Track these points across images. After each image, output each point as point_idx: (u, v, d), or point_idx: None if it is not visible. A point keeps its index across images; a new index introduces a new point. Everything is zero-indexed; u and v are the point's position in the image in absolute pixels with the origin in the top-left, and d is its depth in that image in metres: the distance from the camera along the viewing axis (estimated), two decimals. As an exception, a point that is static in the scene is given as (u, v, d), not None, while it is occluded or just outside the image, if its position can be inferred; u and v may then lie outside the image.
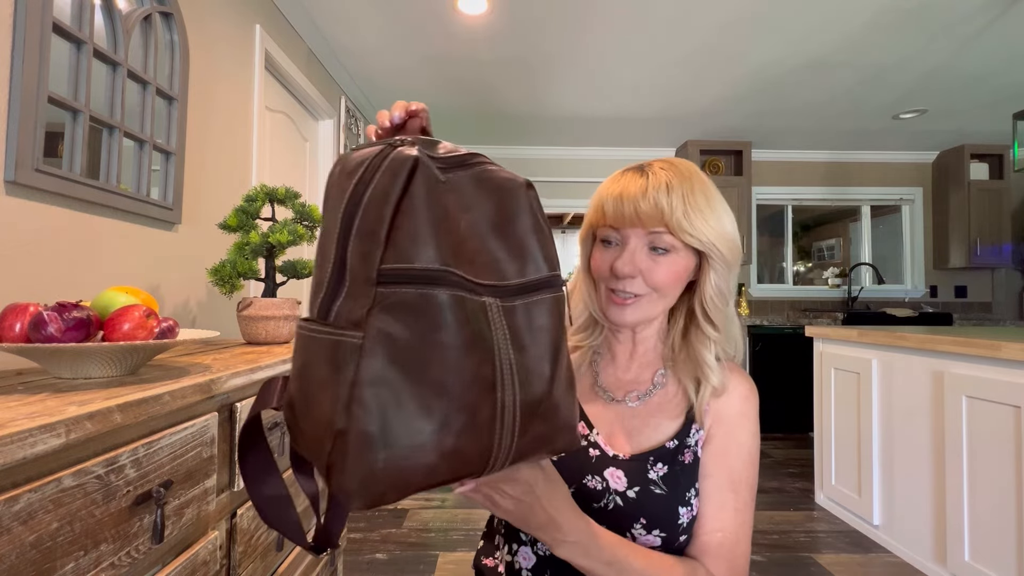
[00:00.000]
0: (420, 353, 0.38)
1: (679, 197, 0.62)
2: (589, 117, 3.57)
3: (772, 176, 4.36)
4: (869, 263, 4.38)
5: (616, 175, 0.68)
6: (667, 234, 0.63)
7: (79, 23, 1.11)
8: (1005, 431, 1.61)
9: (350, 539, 2.14)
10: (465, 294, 0.40)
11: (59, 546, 0.49)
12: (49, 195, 1.05)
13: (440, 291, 0.39)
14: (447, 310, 0.39)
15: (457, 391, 0.39)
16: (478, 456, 0.40)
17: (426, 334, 0.39)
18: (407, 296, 0.39)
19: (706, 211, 0.64)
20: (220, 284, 1.25)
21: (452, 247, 0.41)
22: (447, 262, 0.40)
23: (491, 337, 0.40)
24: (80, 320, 0.68)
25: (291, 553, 1.03)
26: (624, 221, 0.64)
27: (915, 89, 3.08)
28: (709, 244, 0.64)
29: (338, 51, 2.66)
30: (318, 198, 2.74)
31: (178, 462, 0.67)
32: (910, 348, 2.01)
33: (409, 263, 0.39)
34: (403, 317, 0.38)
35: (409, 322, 0.39)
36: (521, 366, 0.41)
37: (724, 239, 0.65)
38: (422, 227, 0.40)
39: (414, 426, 0.38)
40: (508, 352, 0.41)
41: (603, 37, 2.51)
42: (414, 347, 0.38)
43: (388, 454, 0.37)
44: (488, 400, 0.40)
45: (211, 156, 1.66)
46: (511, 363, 0.40)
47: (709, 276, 0.66)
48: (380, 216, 0.39)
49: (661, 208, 0.62)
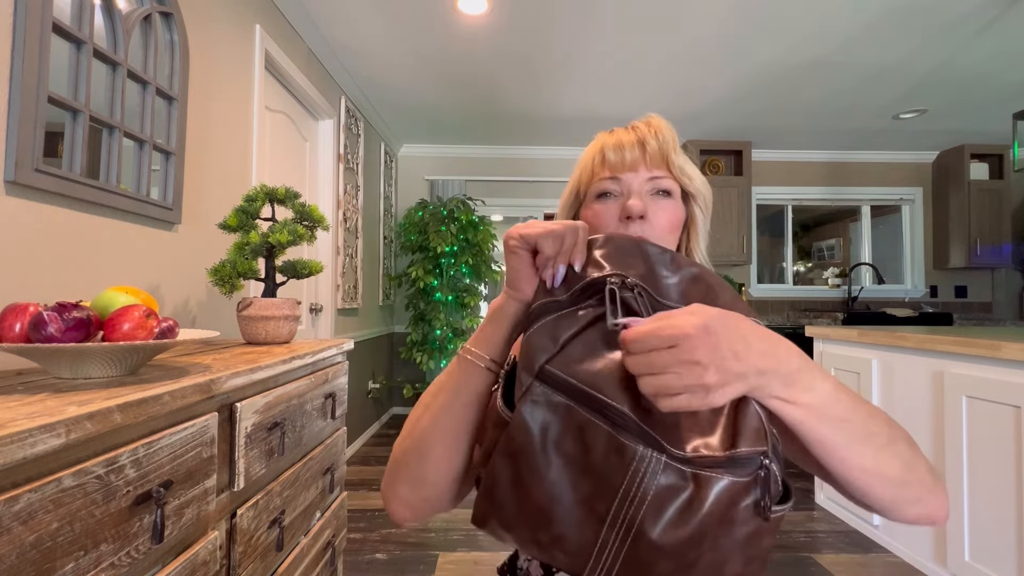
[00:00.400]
0: (543, 453, 0.42)
1: (673, 142, 0.63)
2: (589, 117, 3.57)
3: (772, 176, 4.36)
4: (869, 263, 4.38)
5: (601, 135, 0.67)
6: (668, 177, 0.62)
7: (79, 23, 1.11)
8: (1005, 431, 1.61)
9: (350, 539, 2.14)
10: (616, 432, 0.41)
11: (59, 546, 0.49)
12: (49, 195, 1.05)
13: (590, 415, 0.42)
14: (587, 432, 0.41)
15: (567, 503, 0.42)
16: (569, 563, 0.42)
17: (557, 441, 0.42)
18: (555, 401, 0.43)
19: (688, 159, 0.66)
20: (220, 284, 1.25)
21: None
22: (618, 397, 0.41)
23: (619, 484, 0.40)
24: (80, 320, 0.68)
25: (291, 553, 1.03)
26: (625, 166, 0.62)
27: (915, 89, 3.08)
28: (697, 189, 0.65)
29: (338, 51, 2.66)
30: (318, 198, 2.74)
31: (178, 462, 0.67)
32: (910, 348, 2.00)
33: (572, 376, 0.43)
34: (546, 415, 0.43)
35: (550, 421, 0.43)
36: (644, 540, 0.39)
37: (705, 186, 0.67)
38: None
39: (522, 510, 0.43)
40: (633, 513, 0.39)
41: (603, 37, 2.51)
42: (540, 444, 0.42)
43: (499, 515, 0.44)
44: (592, 527, 0.41)
45: (211, 156, 1.66)
46: (630, 522, 0.39)
47: (699, 224, 0.67)
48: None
49: (665, 151, 0.62)
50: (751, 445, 0.39)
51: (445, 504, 0.56)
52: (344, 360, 1.39)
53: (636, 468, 0.39)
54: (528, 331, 0.46)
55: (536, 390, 0.43)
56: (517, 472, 0.43)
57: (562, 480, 0.41)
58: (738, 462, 0.39)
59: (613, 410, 0.40)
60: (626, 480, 0.39)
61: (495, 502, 0.44)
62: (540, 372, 0.43)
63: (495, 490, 0.44)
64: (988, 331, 2.21)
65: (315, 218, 1.37)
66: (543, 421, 0.42)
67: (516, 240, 0.50)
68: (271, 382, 0.98)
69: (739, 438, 0.39)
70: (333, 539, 1.25)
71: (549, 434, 0.42)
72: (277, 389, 0.98)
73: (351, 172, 3.09)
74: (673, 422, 0.40)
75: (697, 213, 0.66)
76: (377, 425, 3.83)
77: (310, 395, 1.13)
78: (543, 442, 0.42)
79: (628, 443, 0.39)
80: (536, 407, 0.43)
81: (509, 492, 0.43)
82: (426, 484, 0.54)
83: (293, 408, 1.04)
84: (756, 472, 0.39)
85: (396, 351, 4.17)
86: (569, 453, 0.41)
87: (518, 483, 0.43)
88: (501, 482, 0.44)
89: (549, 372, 0.43)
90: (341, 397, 1.32)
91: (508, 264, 0.52)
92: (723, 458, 0.38)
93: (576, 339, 0.45)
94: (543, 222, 0.51)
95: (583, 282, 0.47)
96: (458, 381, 0.54)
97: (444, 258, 3.71)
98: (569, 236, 0.49)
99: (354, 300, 3.15)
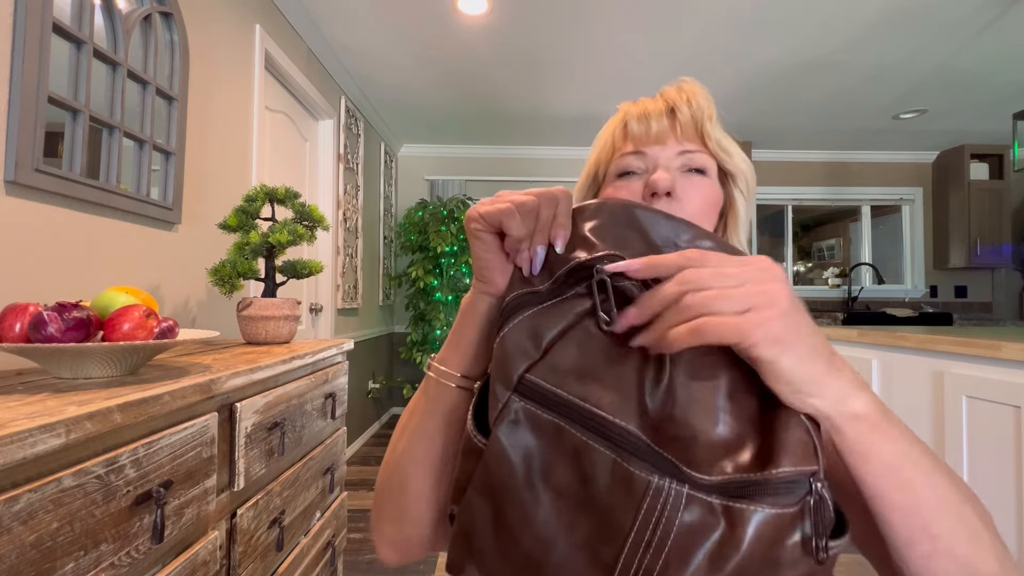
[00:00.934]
0: (529, 486, 0.34)
1: (710, 110, 0.53)
2: (589, 117, 3.57)
3: (772, 176, 4.36)
4: (869, 263, 4.38)
5: (624, 104, 0.57)
6: (702, 152, 0.52)
7: (79, 23, 1.11)
8: (1005, 431, 1.61)
9: (350, 539, 2.14)
10: (621, 459, 0.32)
11: (59, 546, 0.49)
12: (49, 195, 1.05)
13: (585, 435, 0.33)
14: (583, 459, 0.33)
15: (563, 549, 0.33)
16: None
17: (544, 468, 0.34)
18: (541, 420, 0.34)
19: (725, 133, 0.55)
20: (220, 284, 1.25)
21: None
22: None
23: (630, 526, 0.31)
24: (80, 320, 0.68)
25: (291, 553, 1.03)
26: (651, 138, 0.52)
27: (915, 89, 3.08)
28: (737, 166, 0.54)
29: (338, 51, 2.66)
30: (318, 198, 2.74)
31: (178, 462, 0.67)
32: (910, 348, 2.00)
33: (559, 387, 0.34)
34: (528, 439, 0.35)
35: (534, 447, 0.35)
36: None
37: (747, 164, 0.55)
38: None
39: (507, 559, 0.34)
40: (650, 562, 0.30)
41: (603, 37, 2.51)
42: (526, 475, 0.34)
43: (478, 563, 0.36)
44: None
45: (211, 156, 1.66)
46: (646, 574, 0.31)
47: (739, 209, 0.56)
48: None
49: (699, 120, 0.52)
50: (797, 463, 0.30)
51: (431, 544, 0.48)
52: (344, 360, 1.39)
53: (651, 505, 0.31)
54: (502, 332, 0.37)
55: (515, 407, 0.35)
56: (498, 512, 0.34)
57: (556, 521, 0.33)
58: (780, 486, 0.30)
59: (616, 429, 0.32)
60: (639, 521, 0.31)
61: (472, 549, 0.36)
62: (519, 383, 0.35)
63: (472, 534, 0.35)
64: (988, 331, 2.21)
65: (315, 218, 1.37)
66: (526, 447, 0.34)
67: (477, 222, 0.40)
68: (271, 382, 0.98)
69: (780, 454, 0.30)
70: (333, 539, 1.25)
71: (535, 463, 0.34)
72: (277, 389, 0.98)
73: (351, 172, 3.09)
74: (691, 436, 0.31)
75: (737, 196, 0.55)
76: (377, 425, 3.83)
77: (310, 395, 1.13)
78: (528, 474, 0.34)
79: (638, 472, 0.31)
80: (516, 429, 0.34)
81: (490, 536, 0.35)
82: (408, 520, 0.46)
83: (293, 408, 1.04)
84: (804, 499, 0.30)
85: (396, 351, 4.16)
86: (562, 486, 0.33)
87: (501, 526, 0.34)
88: (479, 524, 0.35)
89: (531, 383, 0.35)
90: (341, 397, 1.32)
91: (473, 252, 0.42)
92: (760, 480, 0.30)
93: (564, 338, 0.36)
94: (513, 193, 0.40)
95: (567, 266, 0.37)
96: (428, 403, 0.46)
97: (444, 258, 3.71)
98: (546, 208, 0.39)
99: (354, 300, 3.14)
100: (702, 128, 0.52)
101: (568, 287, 0.38)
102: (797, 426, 0.31)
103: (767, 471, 0.30)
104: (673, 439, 0.32)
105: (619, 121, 0.55)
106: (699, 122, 0.52)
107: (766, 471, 0.30)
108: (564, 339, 0.36)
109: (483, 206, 0.40)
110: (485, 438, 0.36)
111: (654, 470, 0.31)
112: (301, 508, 1.08)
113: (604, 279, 0.36)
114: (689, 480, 0.31)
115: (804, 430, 0.31)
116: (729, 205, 0.56)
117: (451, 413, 0.44)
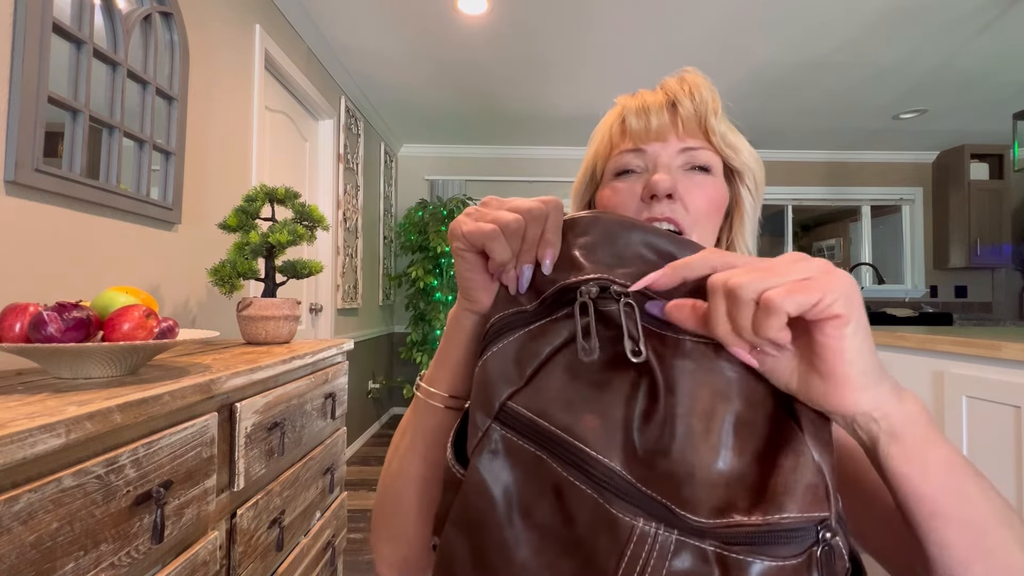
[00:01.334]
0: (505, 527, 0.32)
1: (714, 103, 0.49)
2: (590, 116, 3.57)
3: (772, 176, 4.36)
4: (869, 263, 4.38)
5: (623, 98, 0.54)
6: (706, 148, 0.49)
7: (79, 23, 1.11)
8: (1005, 431, 1.61)
9: (350, 539, 2.14)
10: (601, 500, 0.29)
11: (59, 546, 0.49)
12: (49, 195, 1.05)
13: (569, 472, 0.31)
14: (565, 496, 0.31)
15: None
16: None
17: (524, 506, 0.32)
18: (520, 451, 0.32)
19: (732, 126, 0.51)
20: (220, 284, 1.25)
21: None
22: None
23: (611, 573, 0.28)
24: (80, 320, 0.68)
25: (291, 553, 1.03)
26: (651, 135, 0.49)
27: (915, 89, 3.08)
28: (744, 163, 0.51)
29: (338, 51, 2.66)
30: (317, 198, 2.74)
31: (178, 462, 0.67)
32: (910, 348, 2.00)
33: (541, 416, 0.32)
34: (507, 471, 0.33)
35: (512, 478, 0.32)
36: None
37: (755, 160, 0.52)
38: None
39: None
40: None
41: (603, 37, 2.51)
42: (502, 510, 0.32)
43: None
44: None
45: (211, 156, 1.66)
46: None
47: (746, 209, 0.52)
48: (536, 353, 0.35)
49: (703, 114, 0.49)
50: (804, 509, 0.27)
51: (429, 565, 0.45)
52: (344, 360, 1.39)
53: (635, 552, 0.28)
54: (484, 356, 0.35)
55: (495, 436, 0.33)
56: (478, 549, 0.32)
57: (537, 562, 0.30)
58: (783, 535, 0.27)
59: (599, 466, 0.29)
60: (623, 568, 0.28)
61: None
62: (500, 411, 0.33)
63: (452, 568, 0.33)
64: (988, 331, 2.21)
65: (315, 218, 1.37)
66: (506, 480, 0.32)
67: (460, 240, 0.37)
68: (271, 382, 0.98)
69: (786, 498, 0.27)
70: (333, 539, 1.25)
71: (515, 498, 0.32)
72: (277, 389, 0.98)
73: (351, 172, 3.09)
74: (687, 474, 0.28)
75: (744, 195, 0.52)
76: (377, 425, 3.83)
77: (310, 395, 1.13)
78: (508, 510, 0.31)
79: (621, 516, 0.29)
80: (496, 460, 0.32)
81: (469, 572, 0.32)
82: (404, 541, 0.44)
83: (293, 408, 1.04)
84: (811, 550, 0.27)
85: (396, 351, 4.16)
86: (544, 525, 0.31)
87: (480, 563, 0.32)
88: (458, 560, 0.33)
89: (512, 411, 0.33)
90: (341, 397, 1.32)
91: (456, 270, 0.40)
92: (761, 526, 0.27)
93: (550, 363, 0.34)
94: (498, 209, 0.37)
95: (554, 287, 0.35)
96: (418, 423, 0.44)
97: (444, 258, 3.71)
98: (532, 227, 0.36)
99: (354, 300, 3.14)
100: (706, 123, 0.49)
101: (556, 308, 0.35)
102: (806, 466, 0.28)
103: (769, 516, 0.27)
104: (666, 477, 0.29)
105: (617, 116, 0.52)
106: (702, 116, 0.49)
107: (768, 516, 0.27)
108: (550, 364, 0.33)
109: (466, 224, 0.37)
110: (464, 468, 0.34)
111: (639, 513, 0.29)
112: (301, 508, 1.08)
113: (586, 302, 0.33)
114: (681, 524, 0.28)
115: (815, 471, 0.28)
116: (735, 204, 0.53)
117: (441, 434, 0.42)
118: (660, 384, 0.31)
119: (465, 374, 0.42)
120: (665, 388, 0.30)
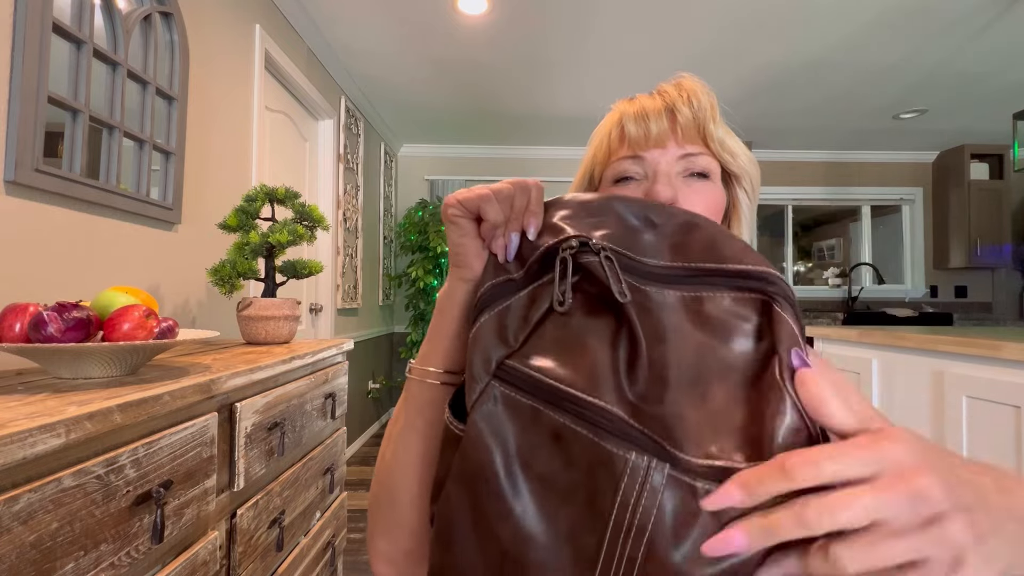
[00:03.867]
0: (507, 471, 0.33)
1: (712, 109, 0.50)
2: (589, 117, 3.57)
3: (772, 176, 4.36)
4: (869, 263, 4.38)
5: (620, 103, 0.54)
6: (705, 154, 0.50)
7: (79, 23, 1.11)
8: (1005, 431, 1.61)
9: (350, 539, 2.14)
10: (593, 435, 0.31)
11: (59, 546, 0.49)
12: (49, 195, 1.05)
13: (558, 415, 0.32)
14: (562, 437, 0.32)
15: (545, 543, 0.31)
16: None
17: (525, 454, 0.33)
18: (518, 403, 0.33)
19: (729, 131, 0.52)
20: (220, 284, 1.25)
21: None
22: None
23: (609, 509, 0.29)
24: (80, 320, 0.68)
25: (291, 553, 1.03)
26: (650, 142, 0.49)
27: (915, 89, 3.08)
28: (742, 167, 0.52)
29: (338, 51, 2.66)
30: (317, 198, 2.74)
31: (178, 462, 0.67)
32: (910, 348, 2.00)
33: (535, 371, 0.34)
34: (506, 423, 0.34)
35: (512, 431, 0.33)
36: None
37: (752, 163, 0.53)
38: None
39: (486, 556, 0.32)
40: (632, 549, 0.29)
41: (603, 37, 2.51)
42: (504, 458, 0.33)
43: (458, 565, 0.34)
44: (581, 574, 0.30)
45: (211, 156, 1.66)
46: (629, 562, 0.29)
47: (743, 211, 0.54)
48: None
49: (701, 120, 0.49)
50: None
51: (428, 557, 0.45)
52: (344, 360, 1.39)
53: (629, 484, 0.29)
54: (478, 322, 0.37)
55: (494, 392, 0.34)
56: (476, 503, 0.33)
57: (536, 511, 0.31)
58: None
59: (592, 408, 0.31)
60: (618, 503, 0.29)
61: (452, 548, 0.34)
62: (498, 368, 0.34)
63: (452, 530, 0.34)
64: (988, 331, 2.21)
65: (315, 218, 1.37)
66: (505, 433, 0.33)
67: (455, 207, 0.40)
68: (271, 382, 0.98)
69: (773, 444, 0.28)
70: (333, 539, 1.25)
71: (513, 449, 0.33)
72: (277, 389, 0.98)
73: (351, 172, 3.09)
74: (677, 414, 0.29)
75: (742, 198, 0.54)
76: (377, 425, 3.83)
77: (310, 395, 1.13)
78: (506, 460, 0.32)
79: (615, 450, 0.30)
80: (495, 414, 0.33)
81: (469, 532, 0.33)
82: (402, 532, 0.44)
83: (293, 408, 1.04)
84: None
85: (396, 351, 4.16)
86: (544, 473, 0.31)
87: (479, 519, 0.32)
88: (458, 519, 0.33)
89: (509, 367, 0.34)
90: (341, 397, 1.32)
91: (449, 238, 0.42)
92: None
93: (541, 326, 0.36)
94: (488, 186, 0.41)
95: (538, 252, 0.37)
96: (413, 405, 0.45)
97: (444, 258, 3.71)
98: (520, 196, 0.39)
99: (354, 300, 3.14)
100: (704, 129, 0.49)
101: (542, 273, 0.38)
102: (788, 411, 0.29)
103: (755, 462, 0.28)
104: (657, 417, 0.30)
105: (615, 122, 0.53)
106: (701, 123, 0.49)
107: (756, 463, 0.28)
108: (541, 326, 0.36)
109: (462, 193, 0.40)
110: (463, 424, 0.35)
111: (632, 447, 0.30)
112: (301, 508, 1.08)
113: (566, 257, 0.35)
114: (672, 459, 0.29)
115: (798, 415, 0.28)
116: (733, 207, 0.54)
117: (438, 411, 0.43)
118: (647, 333, 0.32)
119: (459, 347, 0.43)
120: (653, 337, 0.32)
